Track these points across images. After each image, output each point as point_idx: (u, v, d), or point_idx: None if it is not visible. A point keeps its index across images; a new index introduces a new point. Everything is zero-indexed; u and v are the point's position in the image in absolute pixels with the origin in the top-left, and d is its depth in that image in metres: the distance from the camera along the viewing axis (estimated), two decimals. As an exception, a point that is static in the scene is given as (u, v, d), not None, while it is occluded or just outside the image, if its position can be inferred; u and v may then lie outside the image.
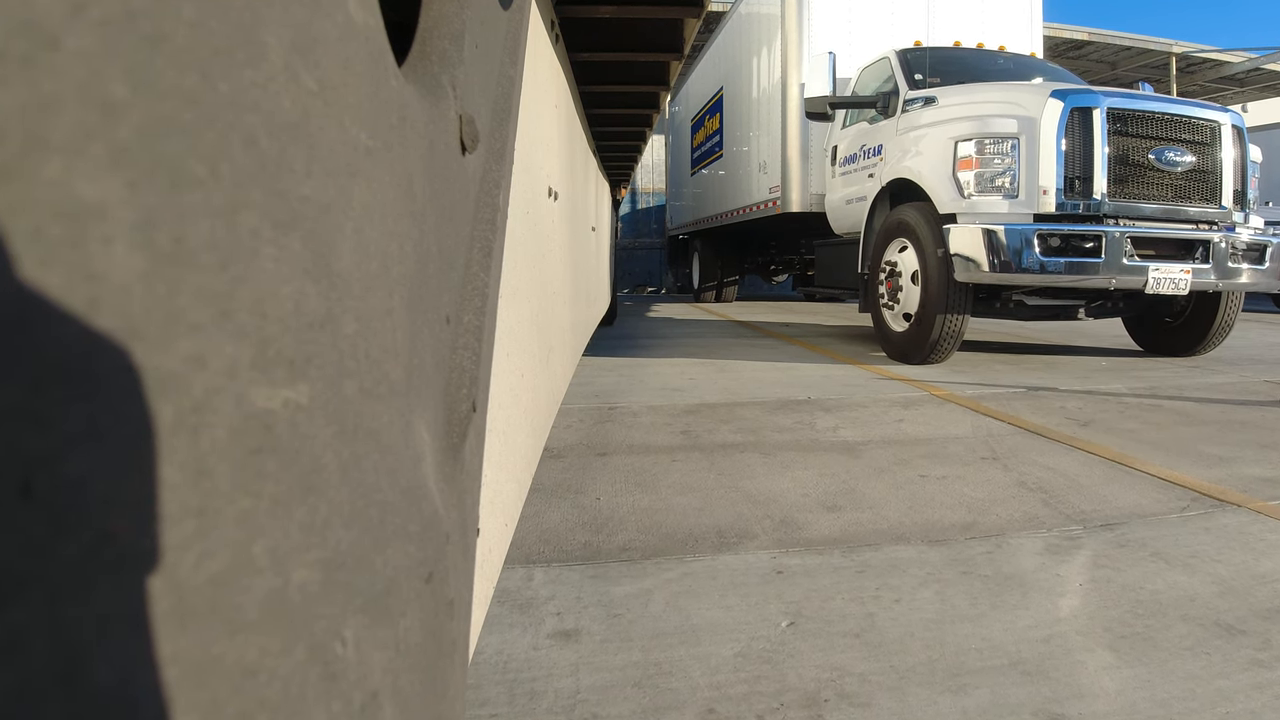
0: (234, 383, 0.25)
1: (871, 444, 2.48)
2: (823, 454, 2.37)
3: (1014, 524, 1.74)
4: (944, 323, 4.07)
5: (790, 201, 7.06)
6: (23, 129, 0.19)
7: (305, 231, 0.29)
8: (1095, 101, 3.90)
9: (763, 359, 4.64)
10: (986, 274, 3.84)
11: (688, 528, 1.72)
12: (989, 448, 2.44)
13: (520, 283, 1.22)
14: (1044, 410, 3.04)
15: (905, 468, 2.21)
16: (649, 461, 2.29)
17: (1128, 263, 3.81)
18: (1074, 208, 3.87)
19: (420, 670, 0.38)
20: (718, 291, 10.64)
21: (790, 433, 2.66)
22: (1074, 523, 1.75)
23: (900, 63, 5.18)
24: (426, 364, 0.43)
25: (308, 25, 0.29)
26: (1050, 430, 2.68)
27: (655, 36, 2.42)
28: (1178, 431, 2.69)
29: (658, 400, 3.28)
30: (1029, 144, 3.91)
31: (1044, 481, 2.07)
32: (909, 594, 1.37)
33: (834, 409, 3.05)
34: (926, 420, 2.84)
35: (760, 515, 1.80)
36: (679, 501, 1.91)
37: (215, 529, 0.24)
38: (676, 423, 2.83)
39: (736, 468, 2.22)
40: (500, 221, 0.65)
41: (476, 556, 0.62)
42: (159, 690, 0.22)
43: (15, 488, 0.19)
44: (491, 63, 0.65)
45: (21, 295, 0.19)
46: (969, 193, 4.01)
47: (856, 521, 1.76)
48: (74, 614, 0.20)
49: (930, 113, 4.52)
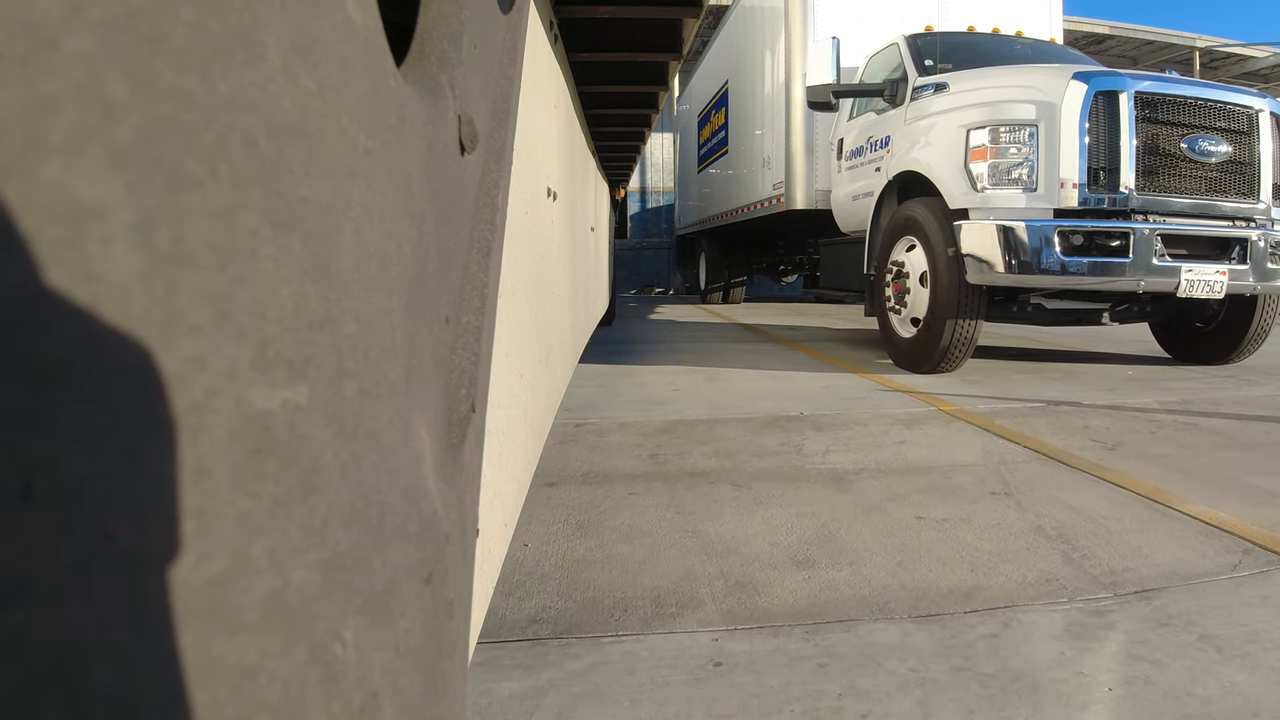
0: (233, 383, 0.25)
1: (865, 473, 2.17)
2: (806, 486, 2.05)
3: (1027, 589, 1.41)
4: (955, 329, 3.75)
5: (795, 198, 6.72)
6: (22, 130, 0.19)
7: (304, 232, 0.29)
8: (1122, 84, 3.56)
9: (759, 366, 4.35)
10: (1001, 275, 3.54)
11: (621, 590, 1.41)
12: (1001, 478, 2.12)
13: (519, 283, 1.22)
14: (1065, 430, 2.72)
15: (900, 505, 1.89)
16: (600, 495, 1.97)
17: (1158, 263, 3.48)
18: (1098, 202, 3.54)
19: (420, 671, 0.38)
20: (724, 293, 10.36)
21: (773, 457, 2.35)
22: (1102, 587, 1.42)
23: (909, 48, 4.84)
24: (426, 364, 0.43)
25: (306, 26, 0.29)
26: (1072, 456, 2.35)
27: (654, 37, 2.42)
28: (1218, 457, 2.37)
29: (633, 416, 2.96)
30: (1049, 131, 3.56)
31: (1065, 526, 1.75)
32: (882, 705, 1.06)
33: (828, 427, 2.75)
34: (931, 442, 2.56)
35: (713, 573, 1.49)
36: (620, 552, 1.59)
37: (215, 530, 0.24)
38: (647, 444, 2.53)
39: (701, 504, 1.90)
40: (499, 222, 0.65)
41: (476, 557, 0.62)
42: (159, 691, 0.22)
43: (15, 489, 0.19)
44: (490, 63, 0.65)
45: (21, 296, 0.19)
46: (982, 186, 3.69)
47: (830, 584, 1.43)
48: (74, 615, 0.20)
49: (941, 100, 4.19)
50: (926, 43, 4.90)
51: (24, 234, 0.19)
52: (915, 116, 4.37)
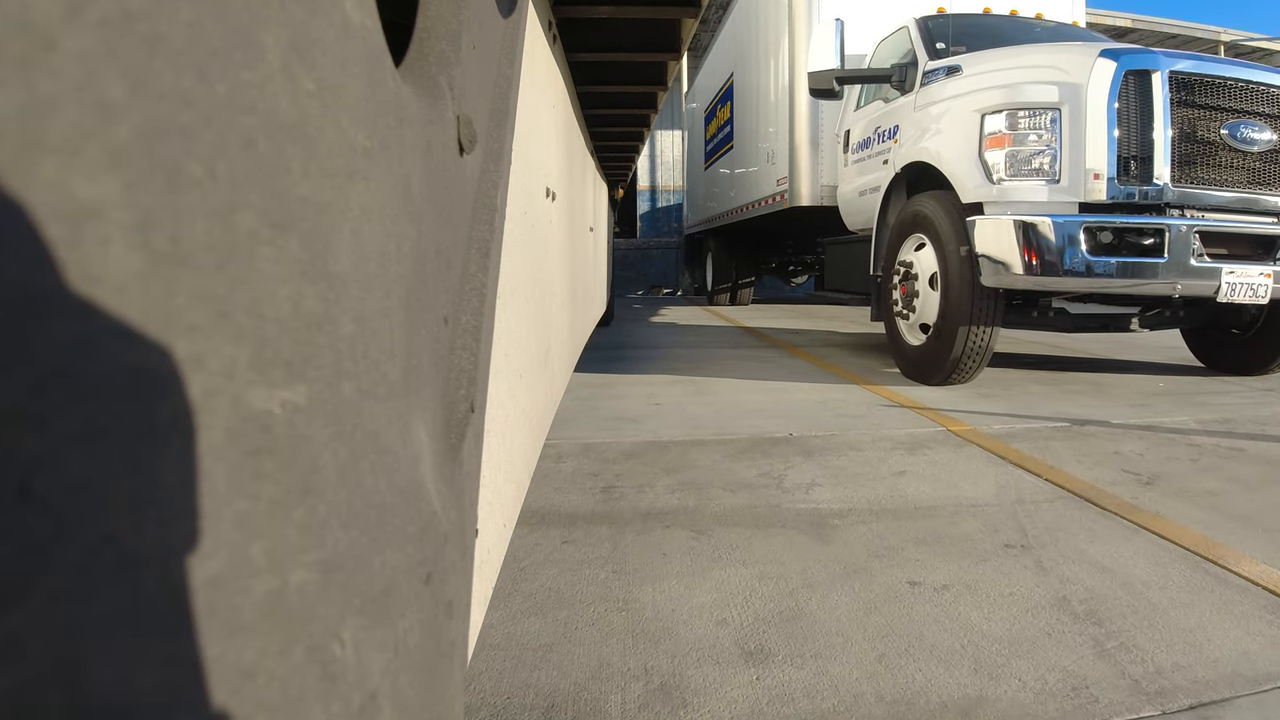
0: (232, 383, 0.25)
1: (853, 516, 1.83)
2: (779, 534, 1.71)
3: (1048, 703, 1.07)
4: (968, 336, 3.38)
5: (799, 195, 6.28)
6: (20, 130, 0.19)
7: (303, 232, 0.29)
8: (1155, 63, 3.17)
9: (754, 376, 4.02)
10: (1020, 277, 3.16)
11: (504, 695, 1.08)
12: (1017, 524, 1.78)
13: (518, 283, 1.22)
14: (1093, 457, 2.39)
15: (891, 564, 1.54)
16: (529, 544, 1.65)
17: (1196, 264, 3.09)
18: (1129, 195, 3.14)
19: (419, 671, 0.38)
20: (732, 294, 9.86)
21: (747, 493, 2.00)
22: (1146, 699, 1.09)
23: (920, 31, 4.45)
24: (424, 365, 0.43)
25: (305, 26, 0.30)
26: (1103, 493, 2.02)
27: (653, 36, 2.42)
28: (1273, 494, 2.03)
29: (600, 436, 2.63)
30: (1073, 116, 3.16)
31: (1097, 597, 1.40)
32: None
33: (817, 452, 2.43)
34: (936, 473, 2.21)
35: (634, 669, 1.15)
36: (525, 631, 1.26)
37: (214, 530, 0.24)
38: (605, 472, 2.19)
39: (646, 558, 1.56)
40: (498, 222, 0.65)
41: (475, 557, 0.62)
42: (158, 691, 0.22)
43: (14, 489, 0.19)
44: (489, 63, 0.65)
45: (20, 296, 0.19)
46: (999, 177, 3.30)
47: (784, 691, 1.09)
48: (73, 615, 0.20)
49: (954, 84, 3.78)
50: (939, 25, 4.49)
51: (23, 234, 0.19)
52: (925, 103, 4.00)
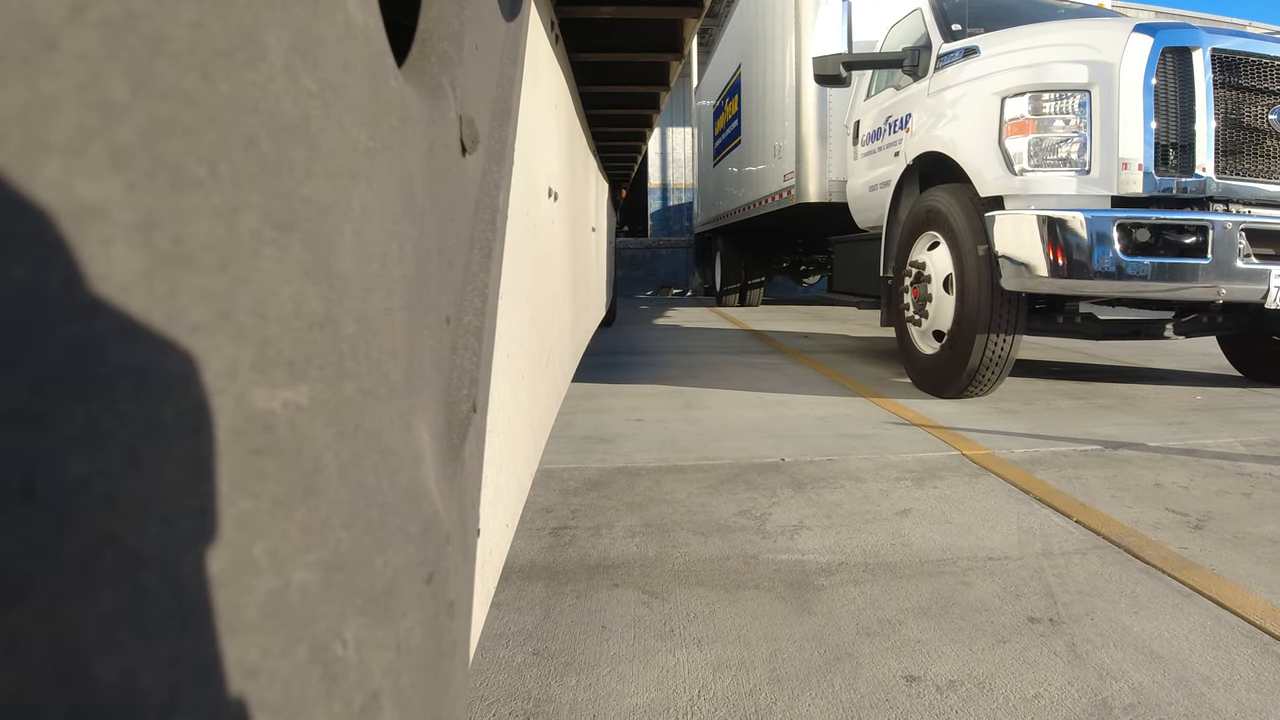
0: (234, 383, 0.25)
1: (843, 572, 1.52)
2: (750, 599, 1.40)
3: None
4: (986, 345, 3.02)
5: (806, 190, 5.90)
6: (23, 130, 0.19)
7: (305, 232, 0.29)
8: (1196, 39, 2.82)
9: (751, 387, 3.65)
10: (1045, 280, 2.83)
11: None
12: (1044, 586, 1.45)
13: (520, 283, 1.22)
14: (1131, 492, 2.03)
15: (885, 647, 1.23)
16: None
17: (1242, 265, 2.74)
18: (1167, 188, 2.81)
19: (421, 671, 0.38)
20: (741, 295, 9.49)
21: (721, 538, 1.69)
22: None
23: (934, 11, 4.04)
24: (426, 364, 0.43)
25: (308, 26, 0.30)
26: (1146, 542, 1.68)
27: (655, 37, 2.42)
28: None
29: (564, 461, 2.29)
30: (1105, 99, 2.81)
31: (1145, 699, 1.08)
32: None
33: (810, 484, 2.10)
34: (947, 512, 1.87)
35: None
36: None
37: (215, 530, 0.24)
38: (561, 508, 1.87)
39: (579, 634, 1.27)
40: (500, 222, 0.65)
41: (477, 557, 0.62)
42: (160, 691, 0.22)
43: (17, 489, 0.19)
44: (491, 63, 0.65)
45: (22, 296, 0.19)
46: (1021, 168, 2.95)
47: None
48: (75, 614, 0.20)
49: (971, 65, 3.40)
50: (954, 6, 4.10)
51: (25, 234, 0.19)
52: (940, 87, 3.63)
